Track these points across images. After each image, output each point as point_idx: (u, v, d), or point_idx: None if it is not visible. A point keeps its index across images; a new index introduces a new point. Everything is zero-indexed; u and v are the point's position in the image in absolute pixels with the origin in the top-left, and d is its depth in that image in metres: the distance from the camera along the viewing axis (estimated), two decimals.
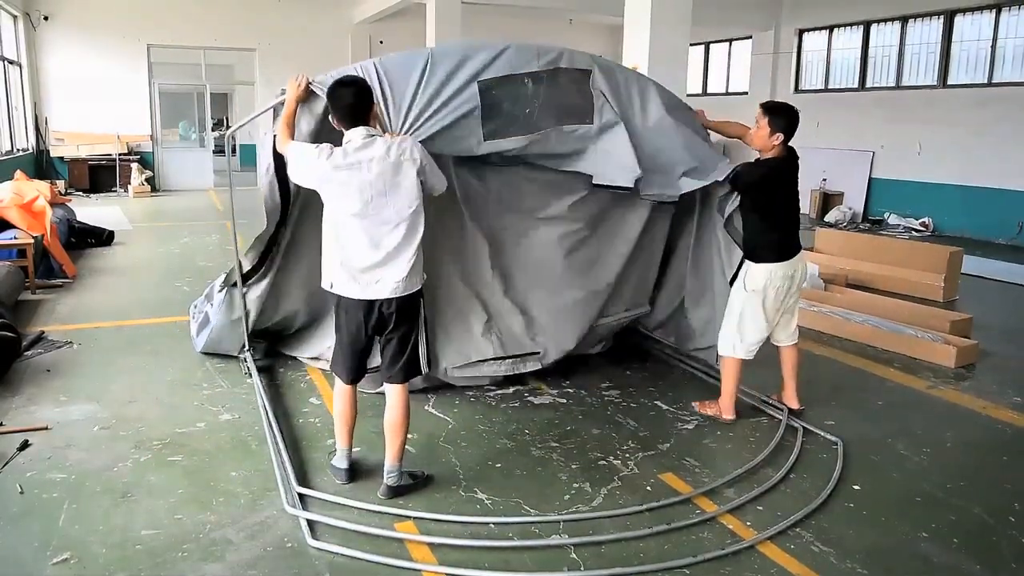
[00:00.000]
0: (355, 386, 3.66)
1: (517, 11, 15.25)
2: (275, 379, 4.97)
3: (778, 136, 4.24)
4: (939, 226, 12.28)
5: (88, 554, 3.04)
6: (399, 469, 3.57)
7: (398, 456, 3.55)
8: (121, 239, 9.98)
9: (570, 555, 3.10)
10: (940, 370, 5.55)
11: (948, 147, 12.21)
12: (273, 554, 3.08)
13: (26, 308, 6.56)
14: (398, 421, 3.51)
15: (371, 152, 3.32)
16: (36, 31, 14.74)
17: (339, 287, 3.42)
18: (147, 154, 15.95)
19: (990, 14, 11.82)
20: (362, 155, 3.31)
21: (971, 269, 8.55)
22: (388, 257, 3.34)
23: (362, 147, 3.32)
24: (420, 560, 3.05)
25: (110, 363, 5.27)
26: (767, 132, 4.25)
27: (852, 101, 13.97)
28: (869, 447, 4.21)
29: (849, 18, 14.01)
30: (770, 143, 4.26)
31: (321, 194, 3.43)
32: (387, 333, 3.47)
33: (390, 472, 3.55)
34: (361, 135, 3.35)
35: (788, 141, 4.29)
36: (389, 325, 3.44)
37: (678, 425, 4.46)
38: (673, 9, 7.34)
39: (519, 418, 4.49)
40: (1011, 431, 4.55)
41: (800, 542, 3.24)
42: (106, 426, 4.24)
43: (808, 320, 6.55)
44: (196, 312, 5.82)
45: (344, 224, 3.36)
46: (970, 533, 3.37)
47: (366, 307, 3.40)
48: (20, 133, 14.30)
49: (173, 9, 15.33)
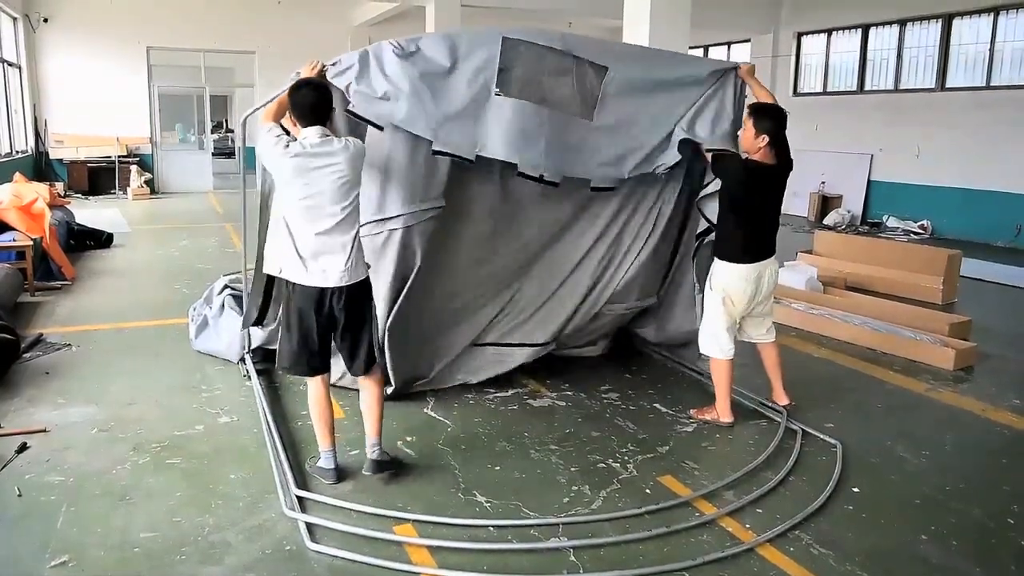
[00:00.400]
0: (327, 383, 3.73)
1: (516, 14, 15.25)
2: (274, 382, 4.97)
3: (763, 138, 4.20)
4: (938, 229, 12.29)
5: (86, 557, 3.04)
6: (381, 444, 3.75)
7: (378, 431, 3.76)
8: (120, 241, 9.98)
9: (569, 558, 3.10)
10: (939, 372, 5.55)
11: (947, 150, 12.23)
12: (272, 557, 3.07)
13: (25, 310, 6.56)
14: (373, 400, 3.76)
15: (328, 149, 3.48)
16: (35, 33, 14.77)
17: (288, 273, 3.55)
18: (146, 156, 15.97)
19: (988, 17, 11.85)
20: (319, 150, 3.46)
21: (970, 272, 8.56)
22: (332, 248, 3.50)
23: (319, 144, 3.47)
24: (419, 563, 3.04)
25: (109, 365, 5.26)
26: (752, 133, 4.23)
27: (851, 104, 14.00)
28: (868, 449, 4.21)
29: (848, 21, 14.04)
30: (756, 145, 4.23)
31: (275, 178, 3.64)
32: (342, 328, 3.60)
33: (373, 446, 3.74)
34: (317, 134, 3.50)
35: (776, 142, 4.24)
36: (341, 318, 3.57)
37: (677, 428, 4.46)
38: (672, 12, 7.36)
39: (518, 421, 4.49)
40: (1010, 433, 4.55)
41: (799, 545, 3.24)
42: (105, 428, 4.23)
43: (807, 322, 6.57)
44: (195, 315, 5.83)
45: (292, 213, 3.51)
46: (969, 535, 3.37)
47: (317, 295, 3.51)
48: (19, 135, 14.31)
49: (173, 11, 15.35)
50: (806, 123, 14.65)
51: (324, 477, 3.70)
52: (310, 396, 3.73)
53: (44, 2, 14.71)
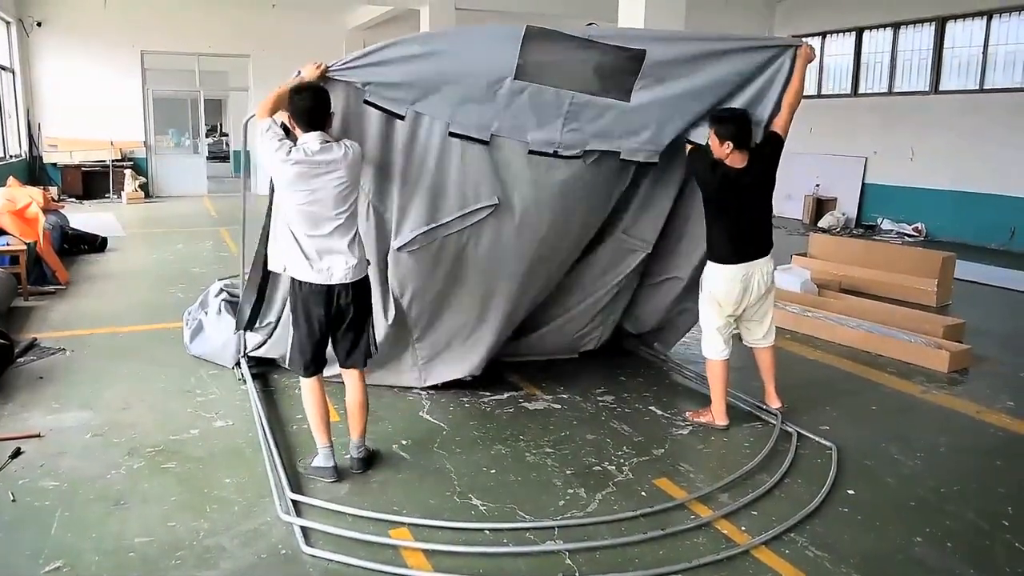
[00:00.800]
0: (323, 380, 3.80)
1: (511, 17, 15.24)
2: (269, 385, 4.96)
3: (728, 144, 4.17)
4: (932, 231, 12.33)
5: (81, 562, 3.03)
6: (365, 443, 3.88)
7: (363, 432, 3.87)
8: (114, 245, 9.95)
9: (565, 561, 3.09)
10: (933, 375, 5.56)
11: (941, 152, 12.28)
12: (267, 561, 3.07)
13: (19, 315, 6.53)
14: (362, 400, 3.84)
15: (328, 156, 3.51)
16: (29, 37, 14.71)
17: (295, 272, 3.60)
18: (141, 160, 15.92)
19: (981, 20, 11.91)
20: (320, 158, 3.49)
21: (964, 274, 8.58)
22: (335, 248, 3.58)
23: (320, 152, 3.50)
24: (415, 567, 3.04)
25: (103, 370, 5.25)
26: (717, 143, 4.21)
27: (845, 107, 14.04)
28: (863, 452, 4.21)
29: (842, 24, 14.09)
30: (723, 152, 4.21)
31: (274, 181, 3.65)
32: (346, 322, 3.68)
33: (358, 447, 3.85)
34: (317, 140, 3.53)
35: (742, 147, 4.20)
36: (349, 312, 3.65)
37: (672, 430, 4.46)
38: (666, 15, 7.38)
39: (513, 424, 4.49)
40: (1004, 435, 4.56)
41: (795, 547, 3.24)
42: (99, 433, 4.22)
43: (801, 325, 6.58)
44: (190, 319, 5.82)
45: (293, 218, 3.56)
46: (964, 537, 3.38)
47: (325, 292, 3.57)
48: (13, 139, 14.25)
49: (167, 15, 15.31)
50: (800, 126, 14.69)
51: (322, 475, 3.71)
52: (307, 394, 3.75)
53: (38, 6, 14.66)
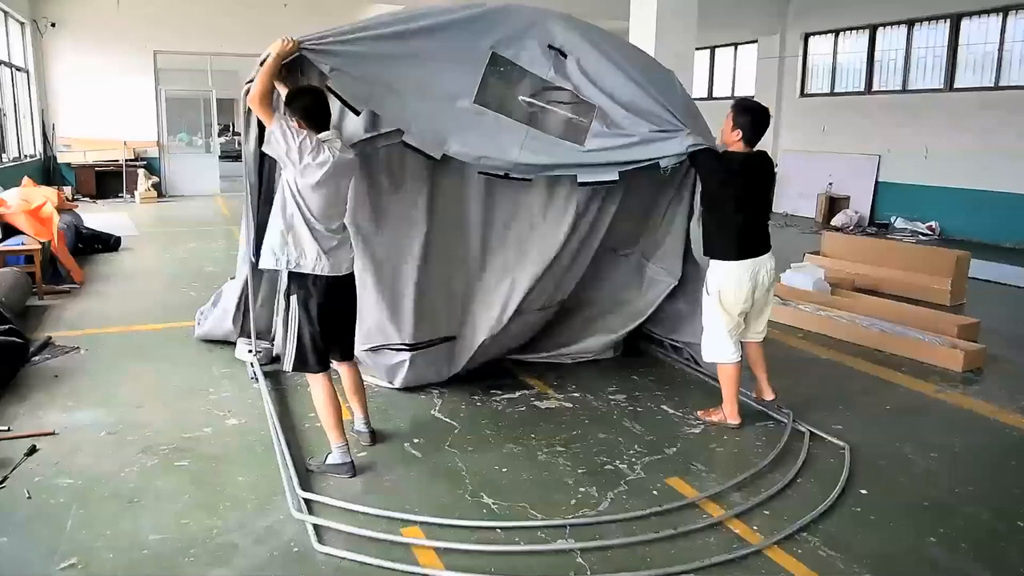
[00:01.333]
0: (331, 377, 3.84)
1: None
2: (281, 384, 4.98)
3: (737, 132, 4.25)
4: (946, 230, 12.24)
5: (95, 559, 3.05)
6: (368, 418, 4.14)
7: (366, 408, 4.15)
8: (128, 245, 10.02)
9: (576, 560, 3.09)
10: (948, 374, 5.53)
11: (955, 150, 12.18)
12: (280, 559, 3.08)
13: (33, 314, 6.59)
14: (358, 383, 4.10)
15: (349, 155, 3.75)
16: (43, 38, 14.83)
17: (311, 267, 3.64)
18: (154, 160, 16.02)
19: (997, 17, 11.80)
20: (345, 157, 3.68)
21: (978, 273, 8.52)
22: (343, 239, 3.76)
23: (342, 150, 3.68)
24: (427, 565, 3.04)
25: (117, 368, 5.28)
26: (729, 127, 4.29)
27: (858, 105, 13.95)
28: (876, 451, 4.19)
29: (855, 22, 14.00)
30: (731, 138, 4.29)
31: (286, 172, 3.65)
32: (345, 313, 3.86)
33: (365, 422, 4.12)
34: (337, 139, 3.69)
35: (751, 141, 4.26)
36: (346, 305, 3.85)
37: (684, 429, 4.45)
38: (679, 13, 7.37)
39: (525, 422, 4.49)
40: (1019, 435, 4.53)
41: (807, 547, 3.23)
42: (113, 431, 4.25)
43: (815, 324, 6.55)
44: (202, 319, 5.85)
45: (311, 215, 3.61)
46: (979, 538, 3.35)
47: (334, 285, 3.71)
48: (27, 139, 14.37)
49: (179, 15, 15.37)
50: (813, 124, 14.65)
51: (339, 472, 3.73)
52: (318, 394, 3.76)
53: (52, 7, 14.77)
